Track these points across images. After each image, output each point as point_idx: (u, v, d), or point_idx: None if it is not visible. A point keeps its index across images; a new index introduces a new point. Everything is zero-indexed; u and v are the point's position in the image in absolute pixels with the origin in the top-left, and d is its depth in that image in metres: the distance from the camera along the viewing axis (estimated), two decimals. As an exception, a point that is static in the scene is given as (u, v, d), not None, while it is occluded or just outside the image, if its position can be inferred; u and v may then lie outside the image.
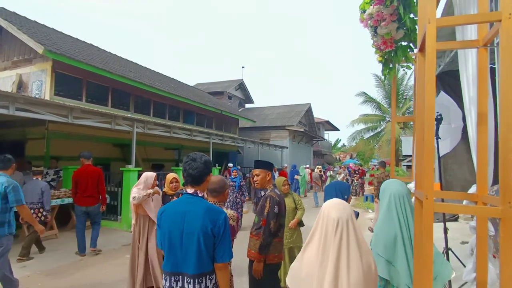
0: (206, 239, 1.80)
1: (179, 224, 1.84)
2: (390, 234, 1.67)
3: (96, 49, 12.48)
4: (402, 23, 2.42)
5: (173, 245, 1.84)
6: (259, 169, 3.06)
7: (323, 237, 1.51)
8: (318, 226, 1.56)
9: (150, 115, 12.01)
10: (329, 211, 1.57)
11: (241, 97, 23.70)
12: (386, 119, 21.38)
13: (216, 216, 1.84)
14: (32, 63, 8.92)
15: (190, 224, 1.82)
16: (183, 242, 1.82)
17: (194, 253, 1.79)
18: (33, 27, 9.74)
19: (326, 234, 1.51)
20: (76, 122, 6.56)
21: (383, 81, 20.19)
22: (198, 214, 1.83)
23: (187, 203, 1.89)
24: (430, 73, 1.25)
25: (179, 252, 1.82)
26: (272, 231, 2.77)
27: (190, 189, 1.92)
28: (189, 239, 1.81)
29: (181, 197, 1.95)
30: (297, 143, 21.56)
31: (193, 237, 1.80)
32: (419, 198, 1.45)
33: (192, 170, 1.90)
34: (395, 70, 3.32)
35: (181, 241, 1.82)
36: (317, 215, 1.59)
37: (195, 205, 1.87)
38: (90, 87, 9.90)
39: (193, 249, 1.79)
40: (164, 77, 15.82)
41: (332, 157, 37.19)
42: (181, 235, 1.82)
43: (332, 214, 1.54)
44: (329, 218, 1.54)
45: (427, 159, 1.24)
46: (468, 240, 5.80)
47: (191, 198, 1.90)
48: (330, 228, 1.52)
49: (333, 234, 1.48)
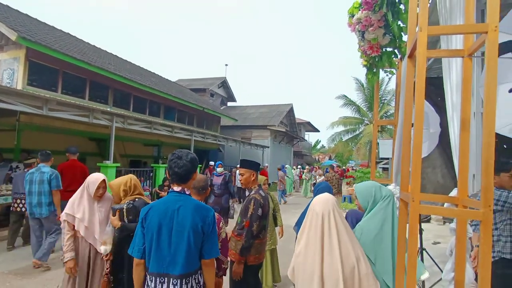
0: (196, 236, 1.79)
1: (168, 221, 1.80)
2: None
3: (74, 38, 12.00)
4: (389, 29, 2.49)
5: (161, 243, 1.79)
6: (244, 168, 3.00)
7: (309, 231, 1.61)
8: (307, 221, 1.64)
9: (129, 110, 11.70)
10: (314, 206, 1.67)
11: (223, 95, 23.57)
12: (365, 122, 21.97)
13: (206, 213, 1.85)
14: (3, 50, 8.44)
15: (180, 222, 1.80)
16: (172, 240, 1.79)
17: (183, 251, 1.77)
18: (5, 12, 9.21)
19: (310, 227, 1.62)
20: (51, 114, 6.27)
21: (363, 85, 20.72)
22: (188, 211, 1.81)
23: (176, 201, 1.85)
24: (420, 79, 1.29)
25: (167, 251, 1.78)
26: (255, 234, 2.78)
27: (176, 187, 1.90)
28: (178, 237, 1.79)
29: (169, 195, 1.91)
30: (278, 143, 21.72)
31: (183, 235, 1.78)
32: (404, 200, 1.50)
33: (178, 168, 1.87)
34: (379, 74, 3.42)
35: (169, 239, 1.79)
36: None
37: (184, 202, 1.85)
38: (66, 78, 9.50)
39: (183, 247, 1.78)
40: (145, 71, 15.46)
41: (312, 157, 37.78)
42: (170, 233, 1.79)
43: (316, 208, 1.64)
44: (313, 213, 1.64)
45: (415, 163, 1.28)
46: (439, 241, 6.08)
47: (179, 196, 1.88)
48: (314, 222, 1.62)
49: (316, 227, 1.59)
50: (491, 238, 1.19)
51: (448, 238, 6.11)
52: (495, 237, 2.41)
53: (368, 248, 1.64)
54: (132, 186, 2.65)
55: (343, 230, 1.59)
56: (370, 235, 1.69)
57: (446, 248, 2.79)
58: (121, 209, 2.52)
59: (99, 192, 2.80)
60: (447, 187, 7.64)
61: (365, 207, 1.84)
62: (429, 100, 4.36)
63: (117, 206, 2.56)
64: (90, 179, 2.82)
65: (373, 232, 1.69)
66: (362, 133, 21.47)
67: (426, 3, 1.30)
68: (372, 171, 3.87)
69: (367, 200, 1.83)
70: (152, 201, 2.38)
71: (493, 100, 1.21)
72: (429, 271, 3.79)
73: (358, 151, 22.42)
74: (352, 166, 27.51)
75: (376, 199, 1.81)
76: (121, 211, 2.50)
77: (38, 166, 4.81)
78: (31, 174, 4.70)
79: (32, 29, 8.83)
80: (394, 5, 2.38)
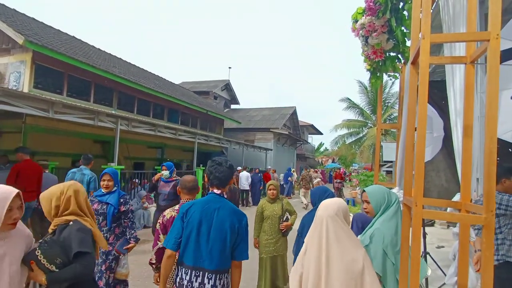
0: (232, 236, 1.96)
1: (209, 219, 1.97)
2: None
3: (79, 42, 12.12)
4: (393, 34, 2.52)
5: (200, 238, 1.94)
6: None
7: (310, 236, 1.63)
8: (312, 226, 1.66)
9: (133, 112, 11.77)
10: (318, 211, 1.69)
11: (226, 97, 23.64)
12: (368, 125, 21.92)
13: (242, 217, 2.06)
14: (10, 54, 8.54)
15: (219, 220, 1.97)
16: (210, 237, 1.94)
17: (219, 248, 1.93)
18: (12, 16, 9.34)
19: (312, 232, 1.64)
20: (57, 117, 6.35)
21: (367, 88, 20.70)
22: (226, 212, 2.00)
23: (216, 202, 2.04)
24: (423, 85, 1.31)
25: (205, 246, 1.93)
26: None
27: (216, 190, 2.08)
28: (217, 234, 1.95)
29: (209, 196, 2.08)
30: (281, 146, 21.73)
31: (221, 233, 1.95)
32: (407, 205, 1.52)
33: (219, 173, 2.07)
34: (382, 79, 3.44)
35: (208, 235, 1.94)
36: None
37: (223, 204, 2.04)
38: (71, 81, 9.59)
39: (219, 244, 1.93)
40: (149, 74, 15.56)
41: (315, 160, 37.73)
42: (210, 229, 1.95)
43: (318, 213, 1.66)
44: (316, 218, 1.66)
45: (418, 168, 1.30)
46: (443, 245, 6.05)
47: (219, 198, 2.06)
48: (313, 227, 1.64)
49: (314, 232, 1.61)
50: (493, 243, 1.21)
51: (452, 242, 6.09)
52: (499, 241, 2.41)
53: (390, 251, 1.66)
54: (65, 199, 1.78)
55: (343, 236, 1.57)
56: (392, 239, 1.71)
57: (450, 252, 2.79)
58: (34, 254, 1.64)
59: (14, 216, 1.60)
60: (451, 191, 7.60)
61: (377, 211, 1.86)
62: (432, 104, 4.38)
63: (29, 250, 1.69)
64: None
65: (394, 236, 1.72)
66: (366, 136, 21.43)
67: (429, 11, 1.33)
68: (376, 174, 3.88)
69: (380, 204, 1.86)
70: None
71: (495, 107, 1.23)
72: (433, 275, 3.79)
73: (361, 154, 22.38)
74: (356, 169, 27.45)
75: (388, 203, 1.85)
76: (35, 258, 1.63)
77: (79, 168, 5.26)
78: (72, 174, 5.01)
79: (38, 33, 8.95)
80: (398, 11, 2.41)
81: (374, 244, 1.68)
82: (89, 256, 1.68)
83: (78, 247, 1.63)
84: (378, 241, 1.68)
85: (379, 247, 1.66)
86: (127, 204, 3.19)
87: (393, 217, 1.83)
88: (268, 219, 3.82)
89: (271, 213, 3.81)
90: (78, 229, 1.71)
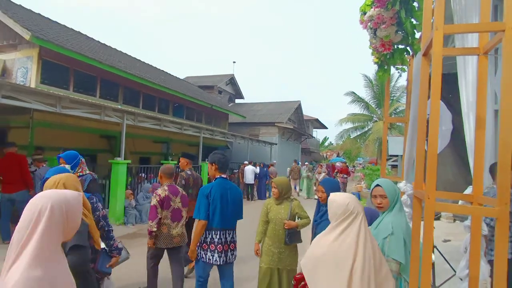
0: (241, 204, 3.11)
1: (226, 195, 2.95)
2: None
3: (85, 37, 12.15)
4: (402, 26, 2.48)
5: (224, 208, 2.91)
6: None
7: (345, 226, 1.59)
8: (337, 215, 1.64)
9: (139, 107, 11.82)
10: (350, 202, 1.66)
11: (231, 92, 23.61)
12: (374, 119, 21.76)
13: (241, 192, 3.20)
14: (17, 49, 8.60)
15: (234, 195, 3.01)
16: (229, 208, 2.96)
17: (237, 214, 3.05)
18: (19, 12, 9.38)
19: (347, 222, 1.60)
20: (64, 112, 6.40)
21: (372, 81, 20.50)
22: (234, 189, 3.08)
23: (227, 183, 3.03)
24: (436, 77, 1.30)
25: (228, 214, 2.94)
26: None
27: (223, 175, 3.05)
28: (235, 204, 3.01)
29: (219, 180, 2.99)
30: (286, 140, 21.70)
31: (236, 203, 3.03)
32: (419, 198, 1.52)
33: (226, 162, 3.10)
34: (390, 72, 3.40)
35: (228, 206, 2.95)
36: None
37: (231, 184, 3.09)
38: (77, 76, 9.64)
39: (237, 211, 3.06)
40: (154, 69, 15.58)
41: (320, 154, 37.65)
42: (228, 202, 2.95)
43: (355, 207, 1.64)
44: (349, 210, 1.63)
45: (430, 161, 1.29)
46: (450, 238, 6.03)
47: (227, 180, 3.06)
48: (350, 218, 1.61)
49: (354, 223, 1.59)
50: (507, 236, 1.20)
51: (459, 236, 6.06)
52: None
53: (408, 241, 1.70)
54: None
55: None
56: (407, 229, 1.76)
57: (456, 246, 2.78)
58: None
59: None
60: (458, 185, 7.53)
61: (391, 205, 1.88)
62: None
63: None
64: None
65: (407, 227, 1.76)
66: (371, 130, 21.29)
67: (442, 2, 1.31)
68: (383, 168, 3.86)
69: (394, 197, 1.89)
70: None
71: (510, 98, 1.22)
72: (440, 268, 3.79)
73: (366, 148, 22.27)
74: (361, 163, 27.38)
75: (398, 196, 1.87)
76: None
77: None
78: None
79: (44, 28, 8.98)
80: (407, 3, 2.37)
81: (396, 234, 1.72)
82: (84, 249, 1.77)
83: (75, 240, 1.64)
84: (399, 231, 1.73)
85: (401, 237, 1.71)
86: (97, 210, 2.36)
87: (401, 209, 1.87)
88: (272, 222, 3.15)
89: (275, 216, 3.12)
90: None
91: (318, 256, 1.57)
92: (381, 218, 1.89)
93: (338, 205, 1.65)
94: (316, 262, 1.58)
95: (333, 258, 1.51)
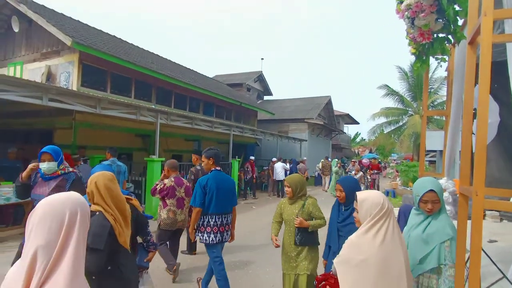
0: (235, 192, 3.62)
1: (222, 185, 3.40)
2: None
3: (119, 40, 12.72)
4: (443, 14, 2.33)
5: (220, 196, 3.36)
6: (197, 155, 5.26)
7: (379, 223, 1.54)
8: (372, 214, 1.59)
9: (171, 107, 12.20)
10: (386, 203, 1.60)
11: (259, 89, 23.63)
12: (409, 112, 20.78)
13: (233, 181, 3.72)
14: (60, 55, 9.20)
15: (228, 185, 3.51)
16: (226, 195, 3.43)
17: (231, 200, 3.52)
18: (61, 20, 10.01)
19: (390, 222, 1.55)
20: (103, 112, 6.75)
21: (407, 73, 19.56)
22: (228, 179, 3.59)
23: (221, 175, 3.51)
24: (485, 67, 1.21)
25: (224, 200, 3.41)
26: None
27: (218, 167, 3.52)
28: (229, 192, 3.50)
29: (215, 172, 3.46)
30: (316, 136, 21.37)
31: (230, 191, 3.52)
32: (465, 195, 1.43)
33: (220, 157, 3.62)
34: (429, 63, 3.22)
35: (223, 194, 3.39)
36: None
37: (225, 175, 3.56)
38: (114, 78, 10.14)
39: (231, 198, 3.52)
40: (184, 68, 15.97)
41: (351, 151, 36.69)
42: (223, 191, 3.41)
43: (388, 203, 1.59)
44: (383, 206, 1.58)
45: (478, 156, 1.21)
46: (496, 239, 5.64)
47: (221, 171, 3.52)
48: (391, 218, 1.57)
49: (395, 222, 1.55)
50: None
51: (506, 237, 5.65)
52: None
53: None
54: (92, 189, 1.87)
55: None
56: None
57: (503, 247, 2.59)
58: None
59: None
60: (504, 181, 7.01)
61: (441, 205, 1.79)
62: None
63: None
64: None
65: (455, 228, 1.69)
66: (406, 124, 20.33)
67: (491, -15, 1.21)
68: (421, 165, 3.68)
69: (443, 199, 1.79)
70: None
71: None
72: (486, 270, 3.55)
73: (401, 143, 21.33)
74: (395, 159, 26.35)
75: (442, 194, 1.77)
76: None
77: (112, 159, 5.52)
78: (109, 167, 5.33)
79: (83, 34, 9.52)
80: (449, -12, 2.22)
81: (456, 238, 1.63)
82: (97, 253, 1.71)
83: (90, 243, 1.64)
84: (455, 233, 1.64)
85: (455, 239, 1.62)
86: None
87: (444, 208, 1.76)
88: (286, 224, 2.96)
89: (288, 217, 2.92)
90: (96, 223, 1.73)
91: (365, 259, 1.48)
92: (427, 221, 1.78)
93: (373, 203, 1.59)
94: (361, 266, 1.49)
95: (383, 262, 1.44)
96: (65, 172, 2.91)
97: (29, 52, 9.79)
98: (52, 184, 2.84)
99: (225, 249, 5.06)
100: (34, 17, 8.95)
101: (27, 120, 9.27)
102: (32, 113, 8.69)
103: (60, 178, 2.88)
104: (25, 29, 9.76)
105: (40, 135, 9.33)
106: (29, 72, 9.63)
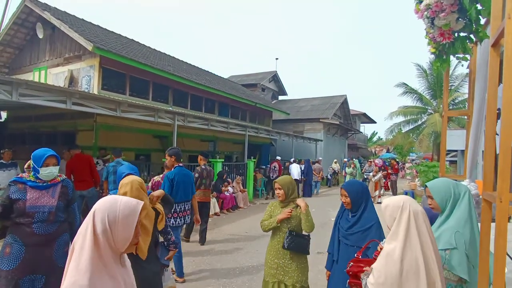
0: (193, 183, 4.48)
1: (184, 178, 4.20)
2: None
3: (137, 44, 13.02)
4: (464, 13, 2.28)
5: (183, 187, 4.17)
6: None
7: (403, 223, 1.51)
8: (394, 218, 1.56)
9: (187, 108, 12.38)
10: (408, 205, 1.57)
11: (274, 89, 23.62)
12: (428, 111, 20.22)
13: (191, 174, 4.54)
14: (81, 59, 9.52)
15: (189, 178, 4.32)
16: (187, 186, 4.24)
17: (191, 190, 4.35)
18: (82, 25, 10.36)
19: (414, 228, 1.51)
20: (123, 115, 6.95)
21: (426, 71, 19.04)
22: (188, 173, 4.37)
23: (184, 170, 4.25)
24: (509, 70, 1.19)
25: (186, 190, 4.23)
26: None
27: (180, 163, 4.26)
28: (189, 184, 4.30)
29: (178, 168, 4.18)
30: (332, 136, 21.16)
31: (190, 183, 4.33)
32: (488, 200, 1.40)
33: (181, 155, 4.34)
34: (449, 62, 3.15)
35: (184, 185, 4.18)
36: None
37: (186, 170, 4.31)
38: (132, 81, 10.39)
39: (191, 188, 4.34)
40: (199, 70, 16.17)
41: (368, 150, 36.09)
42: (186, 183, 4.21)
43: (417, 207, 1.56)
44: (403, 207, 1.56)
45: (503, 159, 1.19)
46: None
47: (182, 167, 4.24)
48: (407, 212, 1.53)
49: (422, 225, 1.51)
50: None
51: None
52: None
53: (471, 255, 1.58)
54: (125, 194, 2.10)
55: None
56: (471, 241, 1.61)
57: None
58: None
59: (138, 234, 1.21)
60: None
61: (443, 207, 1.74)
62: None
63: None
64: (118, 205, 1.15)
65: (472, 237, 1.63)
66: (425, 123, 19.79)
67: (515, -14, 1.19)
68: (442, 165, 3.60)
69: (445, 200, 1.73)
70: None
71: None
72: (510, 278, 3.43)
73: (420, 143, 20.74)
74: (413, 159, 25.71)
75: (456, 198, 1.71)
76: None
77: (117, 160, 5.62)
78: (114, 167, 5.45)
79: (103, 39, 9.81)
80: (471, -13, 2.17)
81: (460, 250, 1.57)
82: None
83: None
84: (462, 245, 1.57)
85: (463, 252, 1.56)
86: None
87: (468, 214, 1.68)
88: (275, 228, 2.72)
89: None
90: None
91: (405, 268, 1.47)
92: (438, 223, 1.76)
93: (394, 207, 1.57)
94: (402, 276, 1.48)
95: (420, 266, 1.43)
96: (62, 178, 2.62)
97: (53, 57, 10.18)
98: (55, 191, 2.49)
99: (242, 253, 5.10)
100: (57, 24, 9.29)
101: (51, 122, 9.65)
102: (55, 116, 9.03)
103: (61, 185, 2.56)
104: (49, 35, 10.15)
105: (64, 137, 9.69)
106: (52, 77, 10.01)
